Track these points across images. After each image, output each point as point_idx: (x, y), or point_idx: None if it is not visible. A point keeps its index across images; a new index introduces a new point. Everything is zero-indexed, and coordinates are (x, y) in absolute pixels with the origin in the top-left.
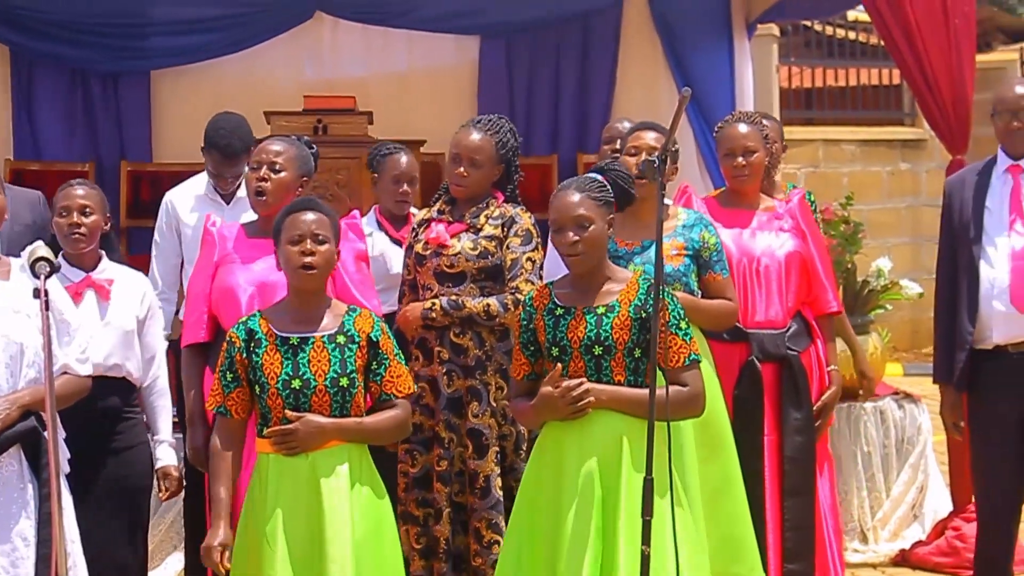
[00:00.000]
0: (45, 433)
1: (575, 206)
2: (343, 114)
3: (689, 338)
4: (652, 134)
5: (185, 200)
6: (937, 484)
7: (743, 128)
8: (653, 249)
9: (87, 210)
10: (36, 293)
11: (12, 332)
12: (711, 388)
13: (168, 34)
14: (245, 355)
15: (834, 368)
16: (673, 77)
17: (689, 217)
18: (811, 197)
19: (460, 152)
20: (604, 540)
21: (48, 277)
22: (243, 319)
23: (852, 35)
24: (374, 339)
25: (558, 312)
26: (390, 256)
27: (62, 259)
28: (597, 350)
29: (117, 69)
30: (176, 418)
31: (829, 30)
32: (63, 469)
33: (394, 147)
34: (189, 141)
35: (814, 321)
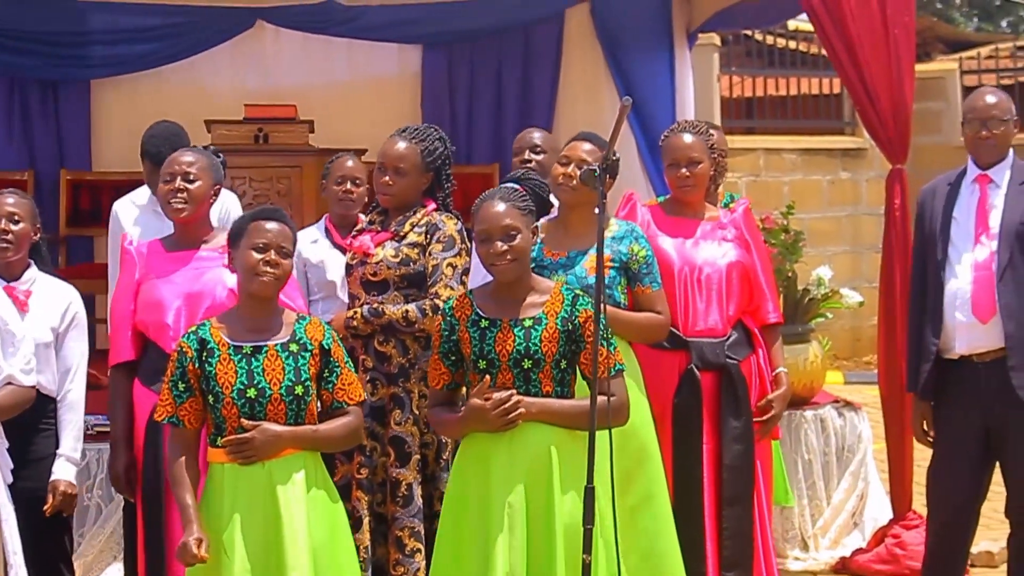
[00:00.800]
0: None
1: (502, 216)
2: (284, 123)
3: (614, 348)
4: (587, 145)
5: (128, 210)
6: (877, 492)
7: (688, 138)
8: (581, 260)
9: (16, 218)
10: None
11: None
12: (637, 401)
13: (108, 43)
14: (198, 365)
15: (782, 370)
16: (615, 86)
17: (620, 229)
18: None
19: (385, 161)
20: (534, 552)
21: None
22: (193, 328)
23: (793, 45)
24: (326, 347)
25: (483, 324)
26: (328, 263)
27: None
28: (527, 363)
29: (56, 77)
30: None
31: (770, 40)
32: (6, 479)
33: (344, 153)
34: (129, 150)
35: (757, 331)
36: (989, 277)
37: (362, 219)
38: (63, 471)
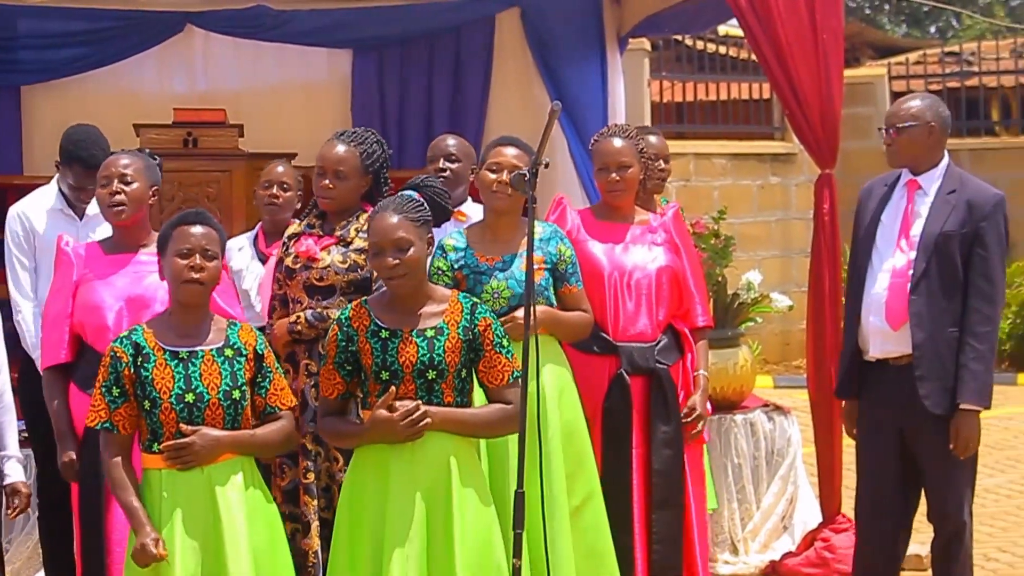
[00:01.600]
0: None
1: (393, 228)
2: (213, 127)
3: (511, 355)
4: (513, 150)
5: (38, 213)
6: (806, 496)
7: (618, 143)
8: (516, 263)
9: None
10: None
11: None
12: (575, 401)
13: (37, 48)
14: (133, 370)
15: (701, 373)
16: (546, 91)
17: (545, 231)
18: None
19: (325, 165)
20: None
21: None
22: (125, 333)
23: (723, 50)
24: (259, 352)
25: (383, 335)
26: (246, 272)
27: None
28: (431, 374)
29: None
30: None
31: (700, 45)
32: None
33: (277, 159)
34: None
35: (687, 334)
36: (904, 285)
37: (293, 223)
38: (16, 472)
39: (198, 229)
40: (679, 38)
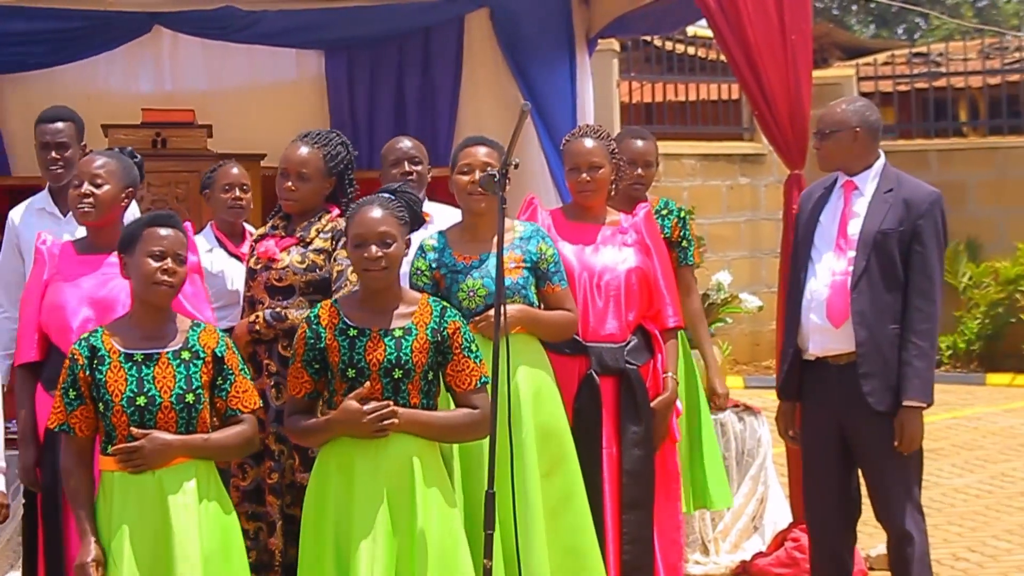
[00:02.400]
0: None
1: (379, 222)
2: (182, 127)
3: (479, 360)
4: (483, 149)
5: (24, 215)
6: (777, 496)
7: (589, 143)
8: (491, 262)
9: None
10: None
11: None
12: (554, 400)
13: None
14: (88, 372)
15: (669, 375)
16: (517, 91)
17: (526, 230)
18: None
19: (288, 167)
20: (398, 561)
21: None
22: (85, 335)
23: (692, 50)
24: (219, 354)
25: (351, 333)
26: (228, 273)
27: None
28: (397, 373)
29: None
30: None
31: (669, 45)
32: None
33: (223, 161)
34: (24, 154)
35: (658, 333)
36: (844, 283)
37: (249, 228)
38: None
39: (170, 232)
40: (648, 39)
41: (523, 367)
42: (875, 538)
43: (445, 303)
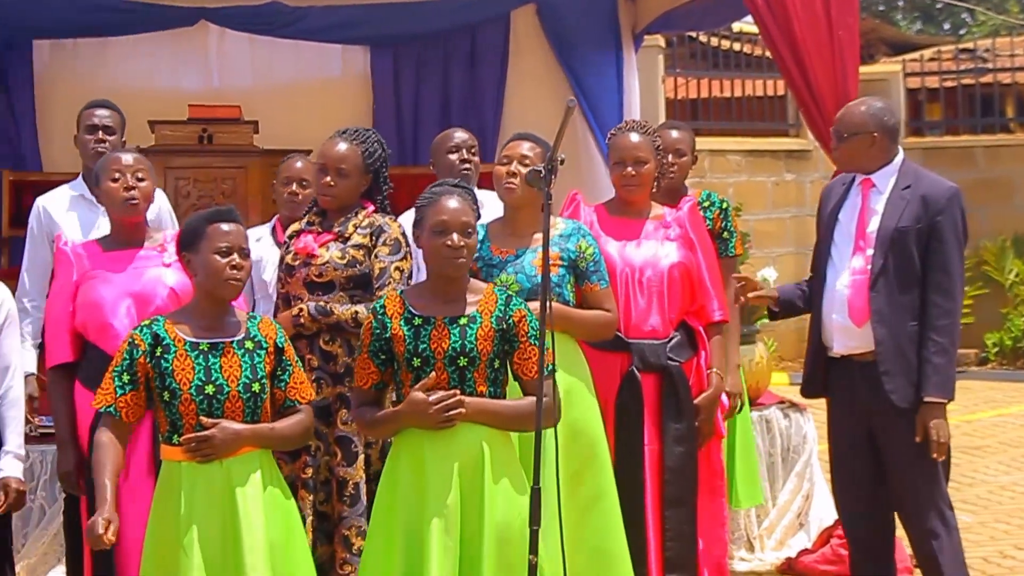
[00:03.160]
0: None
1: (461, 211)
2: (228, 123)
3: (546, 349)
4: (526, 144)
5: (59, 203)
6: (822, 492)
7: (635, 138)
8: (527, 258)
9: None
10: None
11: None
12: (585, 400)
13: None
14: (150, 360)
15: (714, 370)
16: (562, 87)
17: (567, 227)
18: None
19: (326, 162)
20: (466, 552)
21: None
22: (146, 322)
23: (737, 46)
24: (280, 345)
25: (416, 322)
26: (265, 261)
27: None
28: (462, 361)
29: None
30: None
31: (715, 41)
32: None
33: (295, 154)
34: (73, 150)
35: (702, 329)
36: (864, 282)
37: None
38: (12, 468)
39: (234, 227)
40: (694, 35)
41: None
42: None
43: (511, 292)
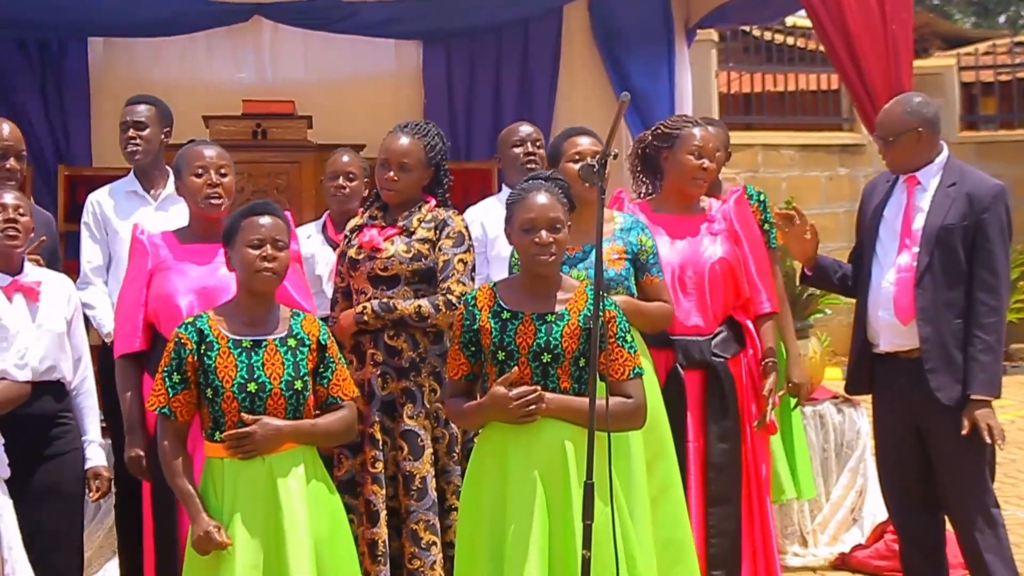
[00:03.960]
0: None
1: (549, 208)
2: (282, 119)
3: (634, 351)
4: (587, 139)
5: (110, 198)
6: (875, 488)
7: (710, 130)
8: (594, 253)
9: (21, 210)
10: None
11: None
12: (653, 393)
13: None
14: (196, 357)
15: (770, 361)
16: (613, 82)
17: (626, 221)
18: (762, 196)
19: (389, 157)
20: (554, 544)
21: None
22: (189, 320)
23: (791, 41)
24: (323, 342)
25: (504, 316)
26: (317, 257)
27: None
28: (546, 357)
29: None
30: (103, 422)
31: (768, 35)
32: (3, 474)
33: (341, 148)
34: (110, 146)
35: (752, 322)
36: (910, 280)
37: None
38: (99, 456)
39: (267, 220)
40: (747, 29)
41: None
42: None
43: (604, 292)
